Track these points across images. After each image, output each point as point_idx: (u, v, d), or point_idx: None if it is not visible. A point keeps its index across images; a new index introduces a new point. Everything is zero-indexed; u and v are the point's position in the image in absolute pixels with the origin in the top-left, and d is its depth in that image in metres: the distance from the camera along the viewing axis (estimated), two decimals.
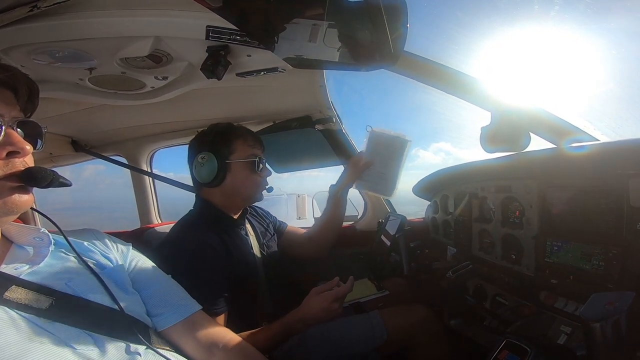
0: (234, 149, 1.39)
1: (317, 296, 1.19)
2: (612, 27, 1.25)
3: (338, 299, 1.17)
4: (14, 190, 0.64)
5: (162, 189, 2.49)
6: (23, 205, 0.66)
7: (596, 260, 1.03)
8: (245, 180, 1.41)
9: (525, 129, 1.15)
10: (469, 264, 1.29)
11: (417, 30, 1.02)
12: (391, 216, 1.83)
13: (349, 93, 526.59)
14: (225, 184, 1.38)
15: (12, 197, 0.64)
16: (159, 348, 0.78)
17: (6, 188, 0.63)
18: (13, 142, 0.64)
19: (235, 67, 1.25)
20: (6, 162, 0.63)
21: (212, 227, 1.33)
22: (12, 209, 0.65)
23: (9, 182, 0.63)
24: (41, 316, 0.64)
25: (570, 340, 1.03)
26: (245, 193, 1.43)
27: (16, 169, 0.65)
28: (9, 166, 0.64)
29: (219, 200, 1.42)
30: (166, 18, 0.99)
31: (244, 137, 1.42)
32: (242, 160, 1.39)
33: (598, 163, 1.08)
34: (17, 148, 0.64)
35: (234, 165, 1.38)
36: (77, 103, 1.58)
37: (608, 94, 1.34)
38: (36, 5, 0.87)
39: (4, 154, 0.63)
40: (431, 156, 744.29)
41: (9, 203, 0.64)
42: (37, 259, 0.72)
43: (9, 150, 0.63)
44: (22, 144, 0.64)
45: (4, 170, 0.63)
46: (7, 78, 0.66)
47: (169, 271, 0.98)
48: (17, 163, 0.65)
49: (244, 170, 1.40)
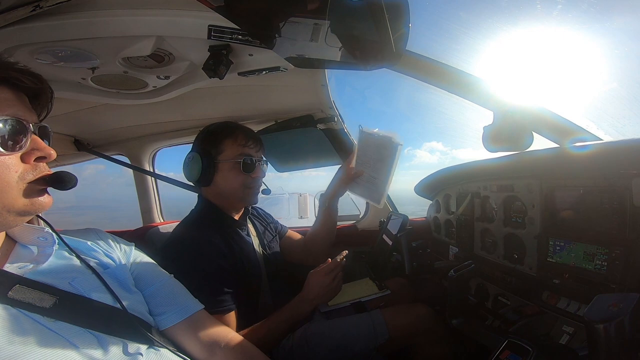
0: (222, 149, 1.38)
1: (312, 274, 1.28)
2: (615, 27, 1.25)
3: (331, 272, 1.25)
4: (41, 193, 0.68)
5: (163, 189, 2.50)
6: (47, 206, 0.69)
7: (599, 260, 1.03)
8: (233, 180, 1.38)
9: (528, 129, 1.15)
10: (471, 264, 1.29)
11: (420, 30, 1.01)
12: (393, 215, 1.83)
13: (350, 92, 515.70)
14: (216, 184, 1.38)
15: (39, 198, 0.68)
16: (161, 347, 0.79)
17: (35, 190, 0.67)
18: (40, 147, 0.68)
19: (237, 66, 1.25)
20: (34, 166, 0.67)
21: (214, 226, 1.34)
22: (37, 209, 0.68)
23: (38, 185, 0.67)
24: (45, 315, 0.65)
25: (572, 340, 1.03)
26: (233, 193, 1.40)
27: (45, 172, 0.69)
28: (37, 170, 0.68)
29: (217, 200, 1.42)
30: (168, 18, 0.99)
31: (234, 137, 1.39)
32: (229, 161, 1.37)
33: (601, 163, 1.07)
34: (45, 154, 0.68)
35: (221, 165, 1.37)
36: (79, 102, 1.58)
37: (611, 93, 1.33)
38: (39, 5, 0.87)
39: (32, 159, 0.67)
40: (427, 155, 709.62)
41: (36, 204, 0.67)
42: (41, 258, 0.73)
43: (38, 155, 0.67)
44: (48, 150, 0.69)
45: (34, 174, 0.67)
46: (34, 85, 0.70)
47: (174, 270, 0.99)
48: (42, 167, 0.69)
49: (232, 170, 1.38)
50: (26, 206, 0.65)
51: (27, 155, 0.66)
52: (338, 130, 2.00)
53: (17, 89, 0.67)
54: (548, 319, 1.14)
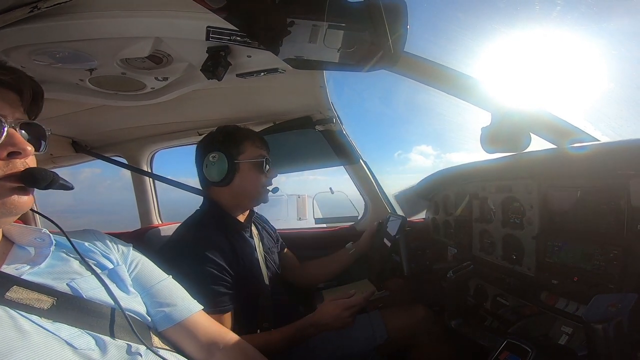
0: (243, 150, 1.41)
1: (331, 303, 1.24)
2: (613, 28, 1.25)
3: (349, 308, 1.21)
4: (14, 191, 0.64)
5: (158, 191, 2.50)
6: (22, 206, 0.66)
7: (597, 260, 1.03)
8: (254, 180, 1.42)
9: (526, 130, 1.15)
10: (469, 265, 1.29)
11: (418, 31, 1.02)
12: (391, 217, 1.83)
13: (349, 93, 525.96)
14: (234, 184, 1.39)
15: (11, 197, 0.63)
16: (159, 348, 0.78)
17: (6, 188, 0.63)
18: (14, 142, 0.63)
19: (235, 67, 1.25)
20: (7, 162, 0.63)
21: (219, 227, 1.34)
22: (12, 209, 0.64)
23: (8, 182, 0.63)
24: (42, 316, 0.64)
25: (571, 340, 1.03)
26: (252, 193, 1.45)
27: (16, 169, 0.64)
28: (10, 166, 0.63)
29: (227, 201, 1.43)
30: (166, 19, 0.99)
31: (252, 139, 1.44)
32: (250, 161, 1.41)
33: (599, 163, 1.08)
34: (18, 149, 0.64)
35: (242, 166, 1.40)
36: (77, 104, 1.58)
37: (608, 94, 1.34)
38: (37, 6, 0.87)
39: (5, 154, 0.63)
40: (421, 159, 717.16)
41: (8, 204, 0.63)
42: (39, 259, 0.72)
43: (10, 150, 0.63)
44: (24, 145, 0.64)
45: (4, 171, 0.63)
46: (11, 80, 0.66)
47: (177, 269, 0.99)
48: (17, 164, 0.65)
49: (252, 170, 1.42)
50: None
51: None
52: (336, 132, 2.00)
53: None
54: (547, 319, 1.14)
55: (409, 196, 2.30)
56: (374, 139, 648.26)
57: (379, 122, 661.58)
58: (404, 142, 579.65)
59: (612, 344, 0.67)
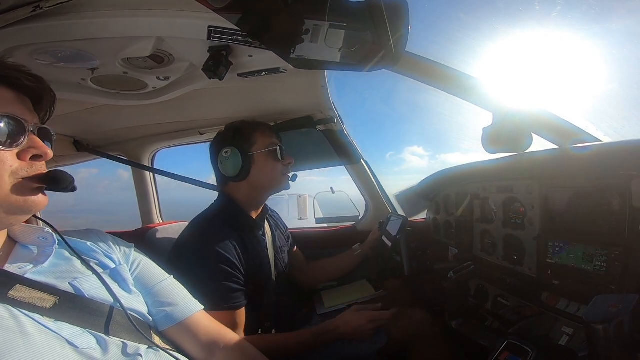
0: (254, 141, 1.41)
1: (356, 312, 1.24)
2: (615, 28, 1.25)
3: (375, 321, 1.22)
4: (35, 191, 0.68)
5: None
6: (40, 205, 0.69)
7: (598, 261, 1.03)
8: (271, 169, 1.43)
9: (527, 130, 1.15)
10: (470, 265, 1.29)
11: (419, 31, 1.01)
12: (392, 217, 1.83)
13: (350, 93, 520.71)
14: (251, 176, 1.40)
15: (32, 197, 0.67)
16: (160, 347, 0.79)
17: (29, 188, 0.66)
18: (37, 146, 0.68)
19: (236, 67, 1.25)
20: (30, 164, 0.67)
21: (232, 224, 1.34)
22: (30, 208, 0.67)
23: (33, 182, 0.67)
24: (45, 315, 0.65)
25: (572, 341, 1.03)
26: (272, 183, 1.45)
27: (39, 171, 0.69)
28: (33, 168, 0.68)
29: (243, 196, 1.43)
30: (168, 18, 0.99)
31: (261, 129, 1.45)
32: (264, 151, 1.41)
33: (600, 164, 1.08)
34: (41, 152, 0.68)
35: (257, 157, 1.40)
36: (79, 103, 1.58)
37: (610, 94, 1.33)
38: (39, 6, 0.87)
39: (28, 157, 0.67)
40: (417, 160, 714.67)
41: (29, 202, 0.66)
42: (41, 258, 0.73)
43: (34, 153, 0.67)
44: (45, 149, 0.69)
45: (28, 172, 0.66)
46: (36, 88, 0.71)
47: (188, 267, 0.99)
48: (39, 166, 0.69)
49: (267, 159, 1.42)
50: (18, 203, 0.65)
51: (23, 152, 0.66)
52: (338, 132, 2.00)
53: (18, 90, 0.68)
54: (547, 319, 1.14)
55: (409, 196, 2.30)
56: (374, 139, 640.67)
57: (379, 122, 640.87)
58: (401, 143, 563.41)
59: (612, 344, 0.67)
